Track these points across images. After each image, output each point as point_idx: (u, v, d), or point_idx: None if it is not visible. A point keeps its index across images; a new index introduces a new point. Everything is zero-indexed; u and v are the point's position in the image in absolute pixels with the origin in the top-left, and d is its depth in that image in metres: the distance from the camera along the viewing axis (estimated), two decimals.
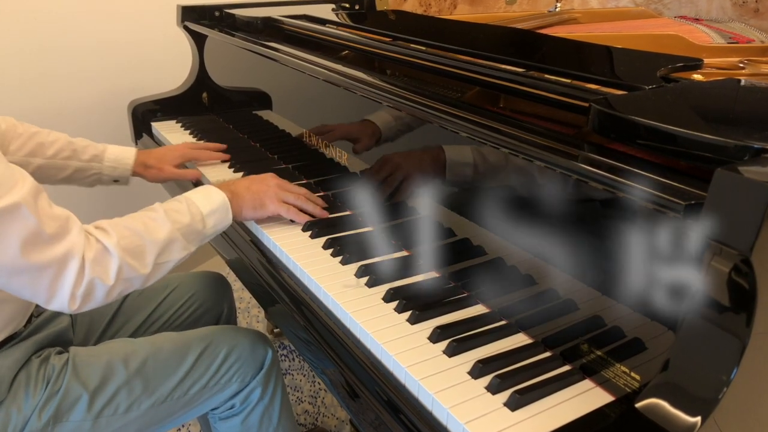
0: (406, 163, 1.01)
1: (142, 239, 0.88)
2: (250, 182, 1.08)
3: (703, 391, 0.57)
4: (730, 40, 1.19)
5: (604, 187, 0.67)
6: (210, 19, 1.66)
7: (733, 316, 0.55)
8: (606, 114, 0.69)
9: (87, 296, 0.82)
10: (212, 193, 1.01)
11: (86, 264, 0.81)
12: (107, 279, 0.83)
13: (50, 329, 1.00)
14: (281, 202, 1.07)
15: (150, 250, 0.88)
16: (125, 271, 0.85)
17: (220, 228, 1.00)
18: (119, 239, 0.85)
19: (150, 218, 0.92)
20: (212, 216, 0.98)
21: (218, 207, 0.99)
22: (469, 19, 1.52)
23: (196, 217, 0.96)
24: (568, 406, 0.69)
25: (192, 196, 0.98)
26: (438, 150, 0.92)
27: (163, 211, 0.93)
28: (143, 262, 0.88)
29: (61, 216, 0.81)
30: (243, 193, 1.05)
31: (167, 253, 0.91)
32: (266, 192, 1.07)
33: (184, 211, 0.95)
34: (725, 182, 0.53)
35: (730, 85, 0.82)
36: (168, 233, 0.91)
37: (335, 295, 0.89)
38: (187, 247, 0.94)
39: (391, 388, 0.75)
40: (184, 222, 0.94)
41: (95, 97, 1.92)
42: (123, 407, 0.96)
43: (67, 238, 0.80)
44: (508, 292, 0.84)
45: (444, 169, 0.92)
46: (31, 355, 0.95)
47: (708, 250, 0.56)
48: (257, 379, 1.08)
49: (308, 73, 1.18)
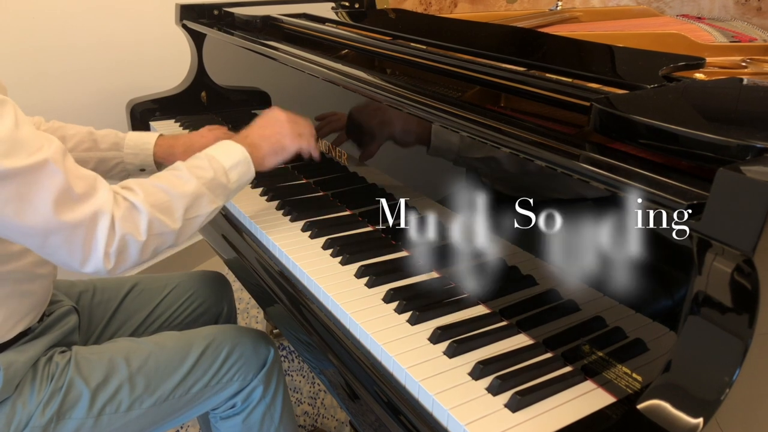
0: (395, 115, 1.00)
1: (169, 195, 0.89)
2: (262, 128, 1.07)
3: (706, 392, 0.57)
4: (732, 39, 1.19)
5: (605, 187, 0.67)
6: (209, 18, 1.66)
7: (735, 317, 0.55)
8: (607, 113, 0.69)
9: (121, 254, 0.83)
10: (232, 148, 1.01)
11: (116, 222, 0.82)
12: (139, 235, 0.84)
13: (60, 329, 1.01)
14: (298, 137, 1.07)
15: (178, 204, 0.89)
16: (156, 226, 0.86)
17: (243, 182, 1.01)
18: (146, 196, 0.86)
19: (174, 176, 0.93)
20: (235, 170, 0.98)
21: (240, 160, 0.99)
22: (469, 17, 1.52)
23: (219, 172, 0.96)
24: (569, 407, 0.69)
25: (212, 152, 0.99)
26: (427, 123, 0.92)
27: (186, 169, 0.94)
28: (173, 216, 0.89)
29: (88, 176, 0.82)
30: (260, 142, 1.04)
31: (195, 208, 0.92)
32: (281, 132, 1.06)
33: (206, 167, 0.95)
34: (727, 182, 0.53)
35: (733, 85, 0.82)
36: (194, 188, 0.92)
37: (335, 296, 0.89)
38: (215, 200, 0.95)
39: (391, 389, 0.75)
40: (208, 177, 0.94)
41: (93, 96, 1.92)
42: (125, 405, 0.97)
43: (96, 196, 0.81)
44: (509, 293, 0.84)
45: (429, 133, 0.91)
46: (40, 355, 0.96)
47: (710, 251, 0.56)
48: (259, 378, 1.08)
49: (308, 73, 1.18)
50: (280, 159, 1.07)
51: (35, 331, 0.96)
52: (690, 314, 0.58)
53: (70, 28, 1.83)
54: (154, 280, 1.25)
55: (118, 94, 1.87)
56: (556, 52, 1.04)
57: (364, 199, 1.11)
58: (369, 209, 1.10)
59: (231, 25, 1.59)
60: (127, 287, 1.21)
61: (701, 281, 0.57)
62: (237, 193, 1.02)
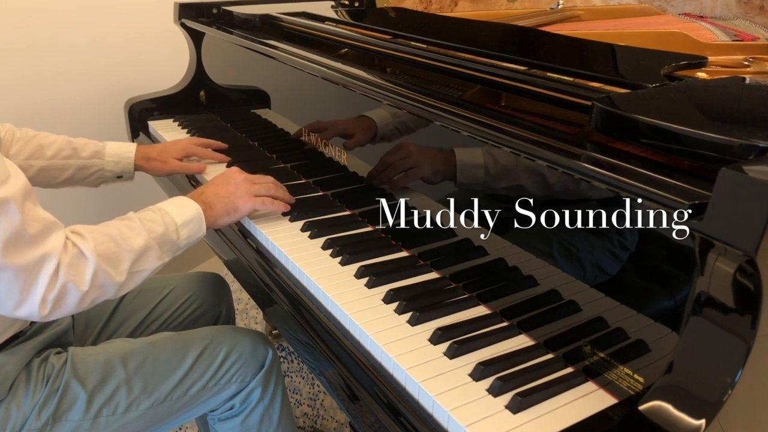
0: (420, 154, 1.00)
1: (119, 246, 0.88)
2: (217, 187, 1.06)
3: (708, 393, 0.57)
4: (734, 38, 1.19)
5: (606, 187, 0.67)
6: (207, 17, 1.66)
7: (737, 318, 0.55)
8: (609, 113, 0.69)
9: (59, 301, 0.81)
10: (186, 204, 1.00)
11: (61, 268, 0.80)
12: (82, 284, 0.82)
13: (53, 329, 1.01)
14: (252, 197, 1.07)
15: (125, 257, 0.88)
16: (100, 278, 0.85)
17: (193, 239, 1.00)
18: (95, 245, 0.85)
19: (126, 226, 0.91)
20: (186, 227, 0.97)
21: (192, 218, 0.99)
22: (470, 16, 1.52)
23: (170, 227, 0.95)
24: (570, 408, 0.69)
25: (166, 207, 0.98)
26: (449, 153, 0.92)
27: (138, 220, 0.93)
28: (118, 269, 0.87)
29: (45, 219, 0.80)
30: (213, 201, 1.04)
31: (142, 262, 0.91)
32: (235, 193, 1.06)
33: (158, 221, 0.94)
34: (730, 182, 0.53)
35: (735, 84, 0.82)
36: (144, 242, 0.91)
37: (335, 297, 0.89)
38: (162, 257, 0.94)
39: (391, 390, 0.75)
40: (159, 231, 0.93)
41: (91, 95, 1.92)
42: (122, 407, 0.97)
43: (47, 240, 0.79)
44: (510, 294, 0.84)
45: (455, 171, 0.92)
46: (33, 357, 0.95)
47: (712, 251, 0.56)
48: (257, 379, 1.08)
49: (307, 71, 1.18)
50: (233, 219, 1.06)
51: (27, 334, 0.96)
52: (692, 315, 0.58)
53: (67, 27, 1.83)
54: (152, 281, 1.25)
55: (117, 93, 1.87)
56: (557, 51, 1.04)
57: (364, 199, 1.11)
58: (369, 209, 1.10)
59: (230, 23, 1.59)
60: None
61: (703, 282, 0.57)
62: (184, 250, 1.01)
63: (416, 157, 1.00)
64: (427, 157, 0.98)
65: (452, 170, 0.92)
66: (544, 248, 0.79)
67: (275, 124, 1.41)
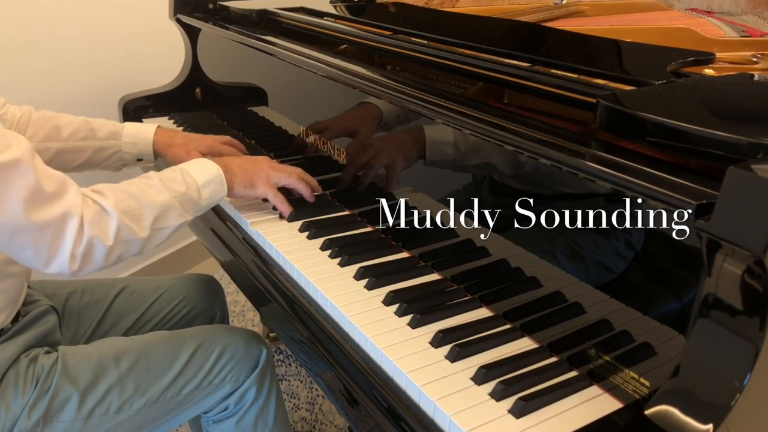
0: (389, 145, 1.02)
1: (140, 203, 0.90)
2: (243, 161, 1.10)
3: (715, 397, 0.57)
4: (742, 34, 1.19)
5: (611, 186, 0.68)
6: (203, 12, 1.66)
7: (746, 320, 0.55)
8: (614, 110, 0.69)
9: (87, 256, 0.84)
10: (207, 165, 1.03)
11: (85, 223, 0.83)
12: (106, 239, 0.85)
13: (37, 328, 1.01)
14: (271, 185, 1.08)
15: (147, 213, 0.91)
16: (124, 233, 0.87)
17: (215, 200, 1.02)
18: (116, 201, 0.87)
19: (147, 184, 0.94)
20: (207, 187, 1.00)
21: (213, 178, 1.01)
22: (472, 11, 1.52)
23: (192, 187, 0.98)
24: (574, 413, 0.69)
25: (187, 167, 1.01)
26: (418, 131, 0.94)
27: (159, 179, 0.96)
28: (141, 224, 0.90)
29: (57, 176, 0.83)
30: (236, 169, 1.06)
31: (164, 219, 0.93)
32: (258, 173, 1.08)
33: (179, 180, 0.97)
34: (738, 181, 0.53)
35: (743, 80, 0.82)
36: (165, 199, 0.93)
37: (334, 299, 0.89)
38: (184, 215, 0.97)
39: (392, 394, 0.75)
40: (180, 190, 0.96)
41: (84, 92, 1.92)
42: (114, 407, 0.97)
43: (66, 197, 0.82)
44: (513, 295, 0.84)
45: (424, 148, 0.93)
46: (20, 354, 0.96)
47: (720, 252, 0.56)
48: (251, 379, 1.08)
49: (305, 68, 1.18)
50: (247, 194, 1.08)
51: (9, 332, 0.97)
52: (699, 317, 0.58)
53: (60, 22, 1.83)
54: (145, 282, 1.26)
55: (111, 90, 1.87)
56: (561, 48, 1.04)
57: (363, 199, 1.11)
58: (369, 209, 1.10)
59: (226, 19, 1.59)
60: (117, 289, 1.22)
61: (711, 283, 0.57)
62: (206, 210, 1.03)
63: (386, 150, 1.01)
64: (397, 147, 0.99)
65: (422, 147, 0.93)
66: (548, 248, 0.79)
67: (273, 122, 1.41)
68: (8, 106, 1.17)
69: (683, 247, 0.63)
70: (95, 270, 0.88)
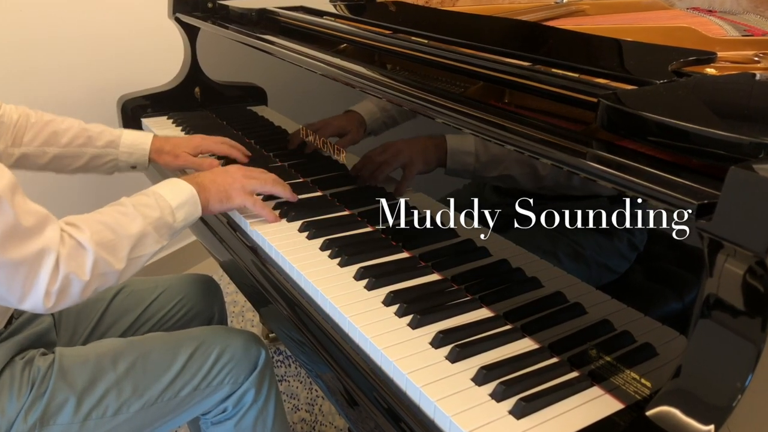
0: (410, 149, 1.01)
1: (115, 233, 0.89)
2: (213, 174, 1.09)
3: (717, 398, 0.57)
4: (744, 33, 1.19)
5: (613, 186, 0.68)
6: (202, 11, 1.66)
7: (748, 321, 0.55)
8: (615, 110, 0.69)
9: (62, 293, 0.83)
10: (180, 186, 1.02)
11: (61, 260, 0.82)
12: (83, 274, 0.84)
13: (31, 330, 1.01)
14: (248, 194, 1.08)
15: (123, 244, 0.90)
16: (100, 266, 0.86)
17: (189, 221, 1.02)
18: (92, 234, 0.86)
19: (120, 213, 0.92)
20: (181, 209, 0.99)
21: (187, 199, 1.01)
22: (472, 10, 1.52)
23: (166, 211, 0.97)
24: (576, 413, 0.69)
25: (159, 190, 1.00)
26: (440, 139, 0.93)
27: (132, 206, 0.94)
28: (117, 256, 0.89)
29: (37, 211, 0.82)
30: (209, 185, 1.06)
31: (140, 247, 0.92)
32: (232, 184, 1.08)
33: (153, 205, 0.96)
34: (740, 181, 0.53)
35: (745, 80, 0.82)
36: (140, 227, 0.92)
37: (333, 299, 0.89)
38: (159, 240, 0.96)
39: (392, 395, 0.75)
40: (155, 216, 0.95)
41: (83, 92, 1.92)
42: (111, 410, 0.97)
43: (44, 233, 0.81)
44: (514, 296, 0.84)
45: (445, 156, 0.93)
46: (14, 356, 0.96)
47: (721, 252, 0.56)
48: (250, 380, 1.08)
49: (305, 67, 1.18)
50: (224, 208, 1.08)
51: (2, 335, 0.96)
52: (701, 318, 0.58)
53: (58, 21, 1.83)
54: (144, 283, 1.26)
55: (109, 89, 1.86)
56: (562, 47, 1.04)
57: (363, 199, 1.11)
58: (369, 209, 1.10)
59: (226, 18, 1.59)
60: (115, 289, 1.22)
61: (712, 283, 0.57)
62: (181, 233, 1.03)
63: (406, 154, 1.01)
64: (417, 151, 0.99)
65: (443, 156, 0.93)
66: (550, 248, 0.79)
67: (272, 122, 1.41)
68: (5, 107, 1.17)
69: (684, 247, 0.63)
70: (71, 304, 0.86)
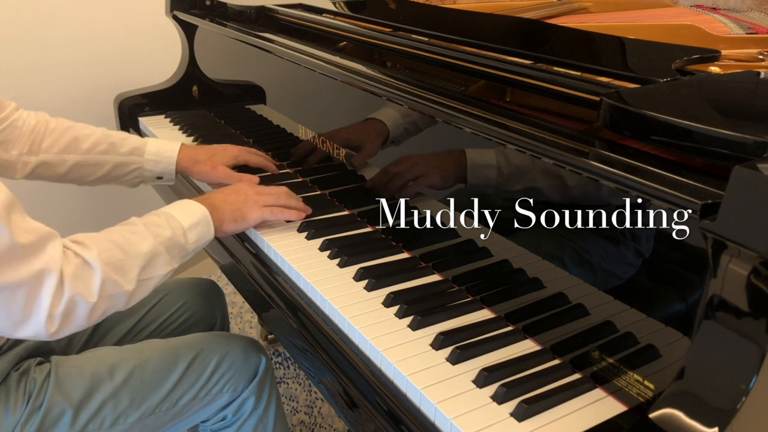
0: (427, 164, 0.99)
1: (125, 252, 0.85)
2: (225, 194, 1.05)
3: (721, 400, 0.57)
4: (749, 31, 1.19)
5: (616, 186, 0.68)
6: (200, 8, 1.66)
7: (752, 322, 0.55)
8: (618, 108, 0.69)
9: (67, 317, 0.79)
10: (191, 207, 0.98)
11: (65, 280, 0.77)
12: (90, 296, 0.80)
13: (30, 341, 0.99)
14: (262, 207, 1.05)
15: (134, 264, 0.86)
16: (109, 287, 0.82)
17: (202, 243, 0.98)
18: (100, 252, 0.82)
19: (130, 231, 0.89)
20: (193, 230, 0.96)
21: (199, 220, 0.97)
22: (473, 8, 1.52)
23: (177, 231, 0.93)
24: (578, 416, 0.69)
25: (170, 211, 0.96)
26: (459, 153, 0.91)
27: (143, 225, 0.91)
28: (127, 277, 0.85)
29: (37, 229, 0.77)
30: (221, 206, 1.02)
31: (151, 268, 0.88)
32: (245, 202, 1.04)
33: (164, 225, 0.92)
34: (744, 180, 0.53)
35: (749, 78, 0.82)
36: (151, 247, 0.88)
37: (333, 300, 0.89)
38: (171, 262, 0.92)
39: (392, 397, 0.75)
40: (166, 235, 0.91)
41: (79, 90, 1.92)
42: (109, 421, 0.96)
43: (44, 251, 0.76)
44: (515, 297, 0.84)
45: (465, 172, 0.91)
46: (10, 370, 0.94)
47: (725, 252, 0.56)
48: (250, 388, 1.08)
49: (304, 66, 1.18)
50: (239, 227, 1.05)
51: (2, 348, 0.94)
52: (704, 319, 0.58)
53: (54, 19, 1.83)
54: None
55: (106, 88, 1.87)
56: (564, 45, 1.03)
57: (363, 199, 1.11)
58: (368, 209, 1.10)
59: (224, 16, 1.59)
60: None
61: (716, 284, 0.57)
62: (193, 255, 0.99)
63: (422, 167, 0.99)
64: (435, 164, 0.98)
65: (463, 171, 0.91)
66: (555, 252, 0.79)
67: (271, 121, 1.41)
68: (21, 112, 1.13)
69: (688, 247, 0.63)
70: (77, 330, 0.82)
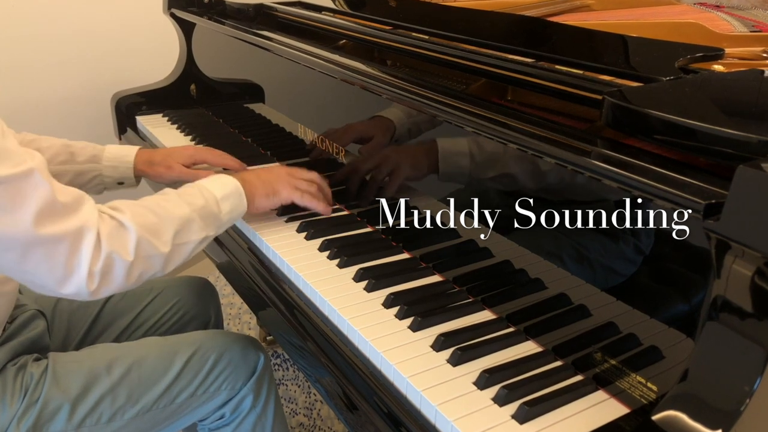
0: (396, 154, 1.01)
1: (159, 216, 0.89)
2: (258, 172, 1.09)
3: (725, 402, 0.57)
4: (753, 29, 1.19)
5: (618, 185, 0.67)
6: (198, 6, 1.66)
7: (756, 323, 0.55)
8: (620, 107, 0.69)
9: (106, 274, 0.81)
10: (223, 179, 1.02)
11: (102, 238, 0.80)
12: (126, 254, 0.83)
13: (25, 335, 1.00)
14: (294, 188, 1.08)
15: (167, 227, 0.89)
16: (144, 248, 0.85)
17: (235, 215, 1.01)
18: (133, 215, 0.85)
19: (164, 199, 0.93)
20: (227, 201, 0.99)
21: (232, 192, 1.00)
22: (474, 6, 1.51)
23: (211, 201, 0.97)
24: (580, 418, 0.69)
25: (203, 183, 1.00)
26: (430, 143, 0.92)
27: (176, 194, 0.95)
28: (162, 239, 0.88)
29: (72, 191, 0.81)
30: (254, 180, 1.05)
31: (185, 233, 0.91)
32: (278, 179, 1.07)
33: (197, 195, 0.96)
34: (748, 180, 0.53)
35: (753, 77, 0.82)
36: (185, 213, 0.92)
37: (332, 301, 0.89)
38: (205, 228, 0.95)
39: (392, 399, 0.75)
40: (199, 203, 0.95)
41: (76, 89, 1.92)
42: (106, 417, 0.97)
43: (81, 210, 0.80)
44: (517, 297, 0.84)
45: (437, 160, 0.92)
46: (6, 363, 0.95)
47: (729, 253, 0.56)
48: (248, 386, 1.08)
49: (303, 64, 1.18)
50: (271, 204, 1.07)
51: None
52: (708, 320, 0.58)
53: (52, 17, 1.83)
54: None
55: (103, 86, 1.87)
56: (566, 43, 1.03)
57: (363, 199, 1.11)
58: (368, 209, 1.10)
59: (222, 13, 1.59)
60: None
61: (720, 285, 0.57)
62: (228, 226, 1.02)
63: (393, 157, 1.00)
64: (405, 155, 0.98)
65: (434, 160, 0.92)
66: (553, 250, 0.79)
67: (269, 120, 1.41)
68: None
69: (691, 248, 0.63)
70: (115, 291, 0.85)
